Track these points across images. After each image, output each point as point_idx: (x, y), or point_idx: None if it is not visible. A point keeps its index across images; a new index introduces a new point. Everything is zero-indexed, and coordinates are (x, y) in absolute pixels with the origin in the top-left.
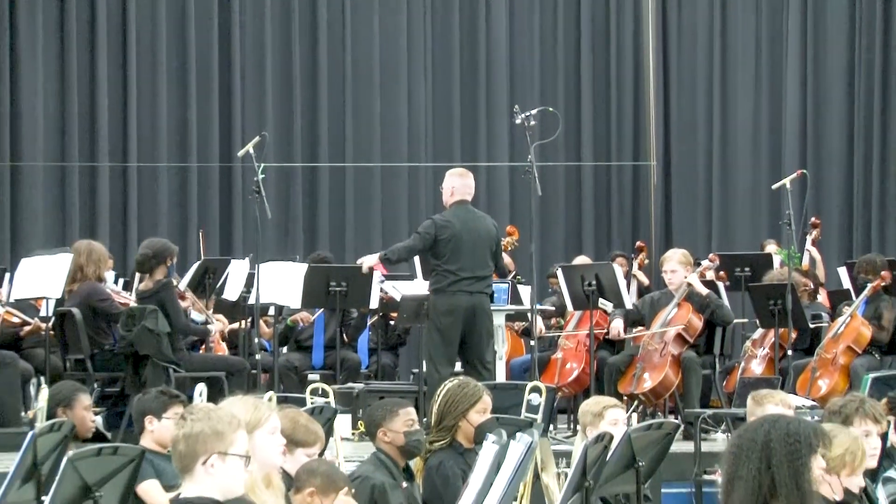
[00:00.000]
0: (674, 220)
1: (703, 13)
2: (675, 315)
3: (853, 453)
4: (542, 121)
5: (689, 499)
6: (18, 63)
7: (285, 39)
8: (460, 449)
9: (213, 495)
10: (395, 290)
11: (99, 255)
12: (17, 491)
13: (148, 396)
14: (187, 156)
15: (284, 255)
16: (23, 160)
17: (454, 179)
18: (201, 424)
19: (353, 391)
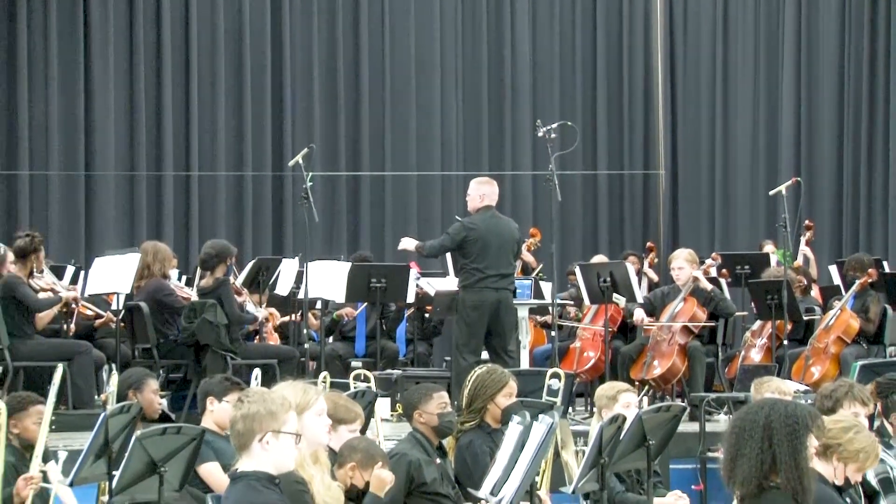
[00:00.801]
0: (680, 222)
1: (707, 37)
2: (681, 308)
3: (867, 454)
4: (561, 134)
5: (694, 474)
6: (92, 82)
7: (331, 61)
8: (488, 429)
9: (267, 469)
10: (430, 286)
11: (164, 255)
12: (90, 466)
13: (213, 380)
14: (243, 165)
15: (330, 255)
16: (96, 170)
17: (482, 187)
18: (257, 406)
19: (392, 377)
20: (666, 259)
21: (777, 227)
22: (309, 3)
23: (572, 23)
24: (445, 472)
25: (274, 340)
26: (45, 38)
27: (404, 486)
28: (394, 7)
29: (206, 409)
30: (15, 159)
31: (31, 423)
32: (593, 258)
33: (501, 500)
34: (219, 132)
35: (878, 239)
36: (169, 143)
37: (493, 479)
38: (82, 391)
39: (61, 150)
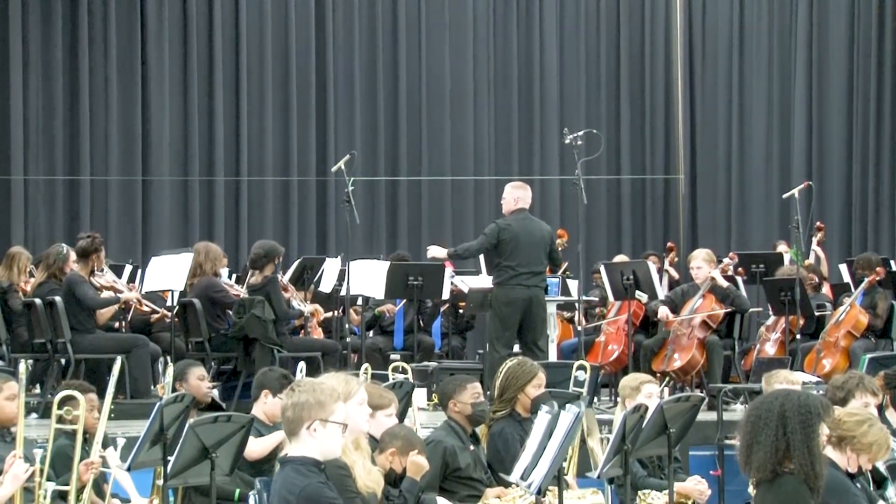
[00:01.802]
0: (699, 224)
1: (723, 51)
2: (700, 304)
3: (880, 446)
4: (587, 141)
5: (712, 460)
6: (149, 94)
7: (371, 73)
8: (519, 418)
9: (314, 455)
10: (464, 284)
11: (215, 255)
12: (146, 452)
13: (272, 374)
14: (289, 171)
15: (370, 254)
16: (152, 175)
17: (516, 191)
18: (306, 395)
19: (428, 369)
20: (685, 258)
21: (790, 228)
22: (350, 21)
23: (597, 37)
24: (478, 458)
25: (318, 334)
26: (105, 54)
27: (440, 471)
28: (430, 22)
29: (260, 400)
30: (77, 166)
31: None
32: (616, 257)
33: (531, 485)
34: (266, 140)
35: (886, 239)
36: (220, 150)
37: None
38: (139, 382)
39: (120, 157)
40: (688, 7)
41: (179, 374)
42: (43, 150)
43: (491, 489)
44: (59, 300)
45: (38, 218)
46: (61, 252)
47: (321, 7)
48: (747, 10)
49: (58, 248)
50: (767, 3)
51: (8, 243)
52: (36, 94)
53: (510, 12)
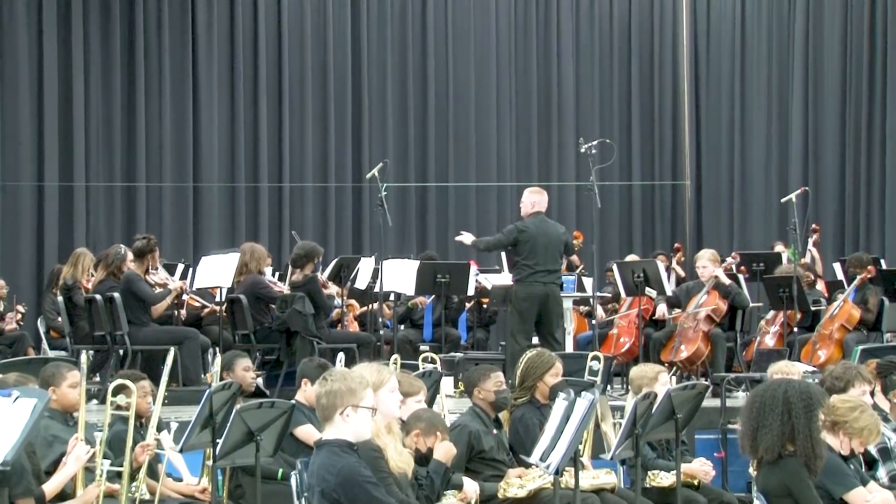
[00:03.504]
0: (703, 226)
1: (727, 65)
2: (705, 300)
3: (871, 431)
4: (600, 149)
5: (716, 443)
6: (199, 106)
7: (402, 88)
8: (538, 404)
9: (347, 438)
10: (487, 281)
11: (260, 254)
12: (197, 435)
13: (311, 364)
14: (327, 178)
15: (401, 254)
16: (202, 182)
17: (533, 196)
18: (339, 384)
19: (455, 359)
20: (692, 258)
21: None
22: (384, 38)
23: (610, 53)
24: (501, 442)
25: (354, 327)
26: (160, 71)
27: (465, 452)
28: (456, 40)
29: (301, 388)
30: (134, 173)
31: (137, 397)
32: (628, 257)
33: (549, 466)
34: (306, 149)
35: (876, 240)
36: (264, 158)
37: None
38: (190, 371)
39: (173, 165)
40: (693, 26)
41: (227, 365)
42: (103, 159)
43: (512, 470)
44: (117, 296)
45: (99, 221)
46: (119, 252)
47: (357, 26)
48: (748, 27)
49: (116, 248)
50: (767, 21)
51: (71, 245)
52: (96, 107)
53: (530, 31)
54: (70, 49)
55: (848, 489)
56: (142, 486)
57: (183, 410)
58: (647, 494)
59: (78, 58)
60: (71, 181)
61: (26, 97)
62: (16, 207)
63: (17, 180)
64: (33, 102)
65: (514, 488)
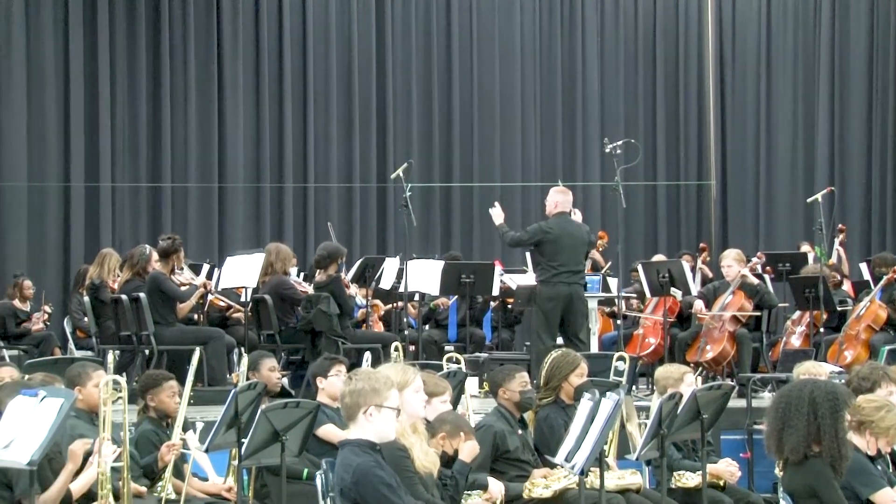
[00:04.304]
0: (729, 225)
1: (752, 65)
2: (731, 300)
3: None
4: (625, 149)
5: (742, 444)
6: (224, 106)
7: (427, 88)
8: (563, 404)
9: (370, 438)
10: (512, 281)
11: (285, 255)
12: (222, 435)
13: (317, 362)
14: (352, 178)
15: (426, 254)
16: (227, 182)
17: (557, 196)
18: (362, 383)
19: (479, 359)
20: (717, 258)
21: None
22: (408, 39)
23: (635, 53)
24: (526, 442)
25: (378, 327)
26: (185, 72)
27: (490, 453)
28: (481, 40)
29: (318, 389)
30: (159, 173)
31: (165, 396)
32: (653, 257)
33: (574, 466)
34: (331, 150)
35: None
36: (289, 159)
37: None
38: (216, 371)
39: (198, 165)
40: (719, 24)
41: (253, 365)
42: (128, 159)
43: (538, 470)
44: (143, 296)
45: (124, 222)
46: (144, 253)
47: (381, 25)
48: (774, 26)
49: (141, 248)
50: (793, 20)
51: (97, 245)
52: (122, 108)
53: (555, 30)
54: (96, 50)
55: (875, 489)
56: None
57: (208, 410)
58: (673, 495)
59: (104, 59)
60: (97, 182)
61: (52, 98)
62: (42, 208)
63: (44, 181)
64: (59, 103)
65: (540, 488)
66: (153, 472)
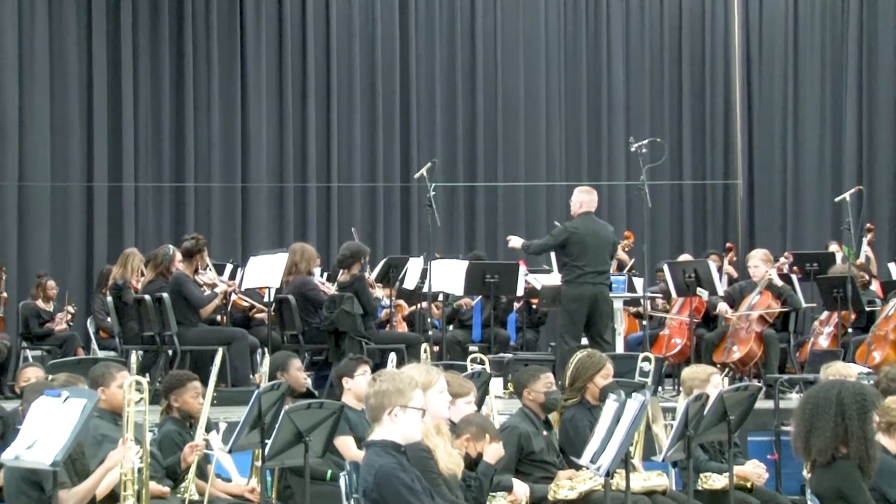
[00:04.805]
0: (756, 225)
1: (779, 63)
2: (758, 301)
3: None
4: (651, 148)
5: (770, 445)
6: (248, 106)
7: (451, 87)
8: (588, 405)
9: (395, 439)
10: (536, 281)
11: (310, 255)
12: (246, 436)
13: (342, 363)
14: (375, 177)
15: (450, 254)
16: (251, 182)
17: (582, 195)
18: (387, 384)
19: (504, 360)
20: (744, 258)
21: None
22: (432, 37)
23: (661, 50)
24: (551, 443)
25: (402, 328)
26: (208, 71)
27: (515, 454)
28: (505, 38)
29: (344, 389)
30: (182, 173)
31: (189, 397)
32: (679, 257)
33: (600, 468)
34: (355, 149)
35: None
36: (313, 158)
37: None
38: (239, 371)
39: (222, 165)
40: (745, 21)
41: (281, 365)
42: (152, 159)
43: (563, 471)
44: (166, 296)
45: (147, 221)
46: (168, 253)
47: (405, 25)
48: (801, 23)
49: (165, 249)
50: (820, 16)
51: (120, 245)
52: (145, 107)
53: (579, 28)
54: (119, 49)
55: None
56: (191, 486)
57: (232, 411)
58: (699, 497)
59: (127, 58)
60: (120, 181)
61: (75, 97)
62: (65, 208)
63: (67, 181)
64: (82, 102)
65: (565, 490)
66: (176, 472)
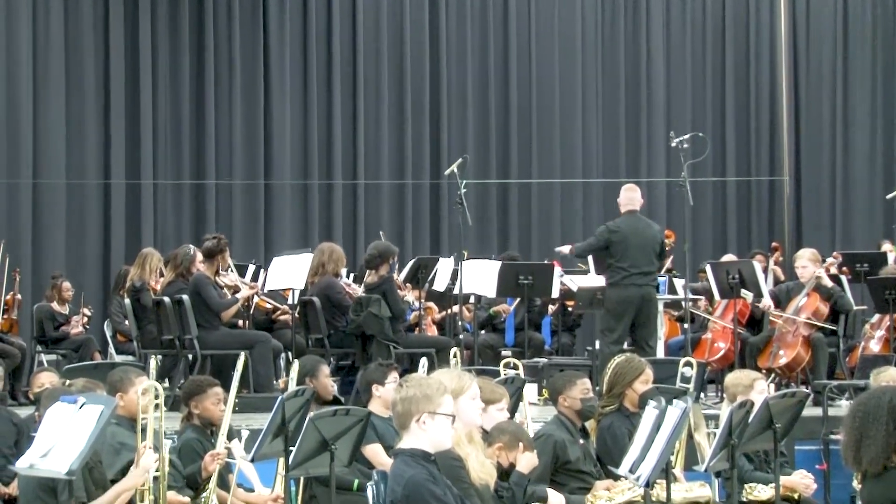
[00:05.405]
0: (803, 224)
1: (828, 54)
2: (805, 303)
3: None
4: (692, 144)
5: (818, 455)
6: (271, 101)
7: (483, 79)
8: (627, 412)
9: (424, 447)
10: (572, 282)
11: (337, 256)
12: (269, 444)
13: (370, 369)
14: (404, 174)
15: (482, 254)
16: (274, 179)
17: (626, 193)
18: (414, 390)
19: (539, 365)
20: (790, 258)
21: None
22: (463, 28)
23: (703, 41)
24: (588, 452)
25: (432, 332)
26: (230, 64)
27: (550, 463)
28: (540, 30)
29: (373, 396)
30: (203, 170)
31: (209, 403)
32: (723, 257)
33: (639, 478)
34: (382, 145)
35: None
36: (338, 154)
37: (631, 458)
38: (262, 377)
39: (244, 162)
40: (792, 10)
41: (310, 371)
42: (171, 155)
43: (600, 482)
44: (186, 299)
45: (166, 220)
46: (188, 253)
47: (435, 15)
48: (851, 12)
49: (185, 249)
50: (871, 5)
51: (138, 245)
52: (164, 102)
53: (617, 18)
54: (137, 39)
55: None
56: (212, 496)
57: (254, 418)
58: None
59: (145, 48)
60: (138, 178)
61: (91, 90)
62: (81, 206)
63: (83, 178)
64: (99, 96)
65: (602, 501)
66: (197, 482)
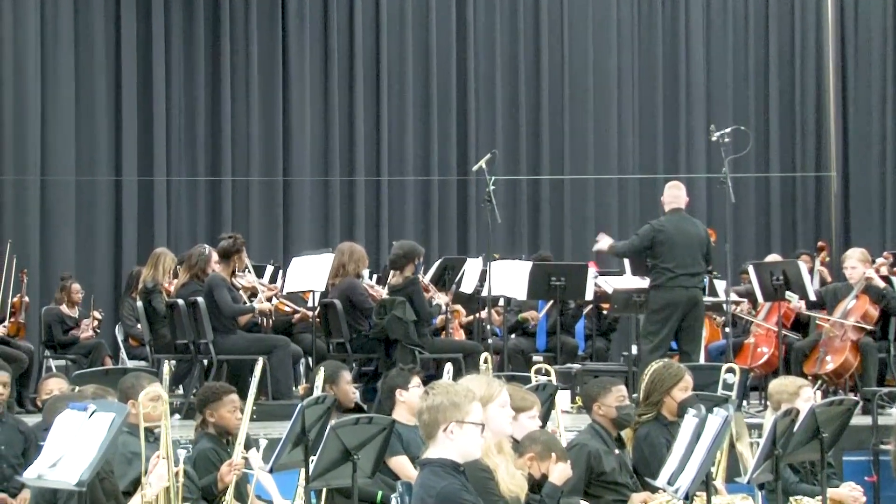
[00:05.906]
0: (852, 222)
1: (878, 43)
2: (854, 305)
3: None
4: (734, 138)
5: (867, 466)
6: (290, 95)
7: (512, 71)
8: (665, 421)
9: (453, 457)
10: (607, 284)
11: (359, 256)
12: (288, 454)
13: (391, 374)
14: (429, 170)
15: (512, 254)
16: (293, 176)
17: (669, 191)
18: (441, 398)
19: (572, 371)
20: (838, 258)
21: None
22: (492, 18)
23: (745, 30)
24: (624, 463)
25: (459, 336)
26: (247, 56)
27: (584, 475)
28: (573, 18)
29: (396, 402)
30: (219, 166)
31: (225, 411)
32: (766, 257)
33: (678, 490)
34: (407, 139)
35: None
36: (361, 150)
37: (670, 469)
38: (280, 383)
39: (261, 157)
40: None
41: (331, 377)
42: (185, 151)
43: (637, 494)
44: (201, 301)
45: (181, 219)
46: (203, 253)
47: (462, 5)
48: None
49: (200, 248)
50: None
51: (151, 244)
52: (178, 96)
53: (655, 6)
54: (150, 31)
55: None
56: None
57: (273, 426)
58: None
59: (158, 41)
60: (151, 175)
61: (102, 83)
62: (91, 204)
63: (93, 175)
64: (110, 89)
65: None
66: (212, 493)
